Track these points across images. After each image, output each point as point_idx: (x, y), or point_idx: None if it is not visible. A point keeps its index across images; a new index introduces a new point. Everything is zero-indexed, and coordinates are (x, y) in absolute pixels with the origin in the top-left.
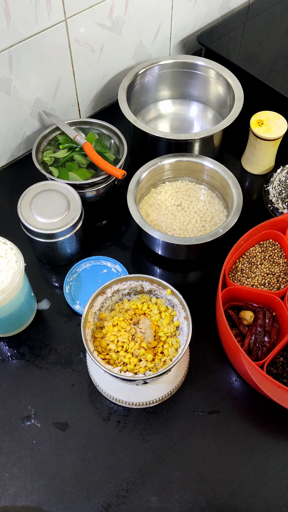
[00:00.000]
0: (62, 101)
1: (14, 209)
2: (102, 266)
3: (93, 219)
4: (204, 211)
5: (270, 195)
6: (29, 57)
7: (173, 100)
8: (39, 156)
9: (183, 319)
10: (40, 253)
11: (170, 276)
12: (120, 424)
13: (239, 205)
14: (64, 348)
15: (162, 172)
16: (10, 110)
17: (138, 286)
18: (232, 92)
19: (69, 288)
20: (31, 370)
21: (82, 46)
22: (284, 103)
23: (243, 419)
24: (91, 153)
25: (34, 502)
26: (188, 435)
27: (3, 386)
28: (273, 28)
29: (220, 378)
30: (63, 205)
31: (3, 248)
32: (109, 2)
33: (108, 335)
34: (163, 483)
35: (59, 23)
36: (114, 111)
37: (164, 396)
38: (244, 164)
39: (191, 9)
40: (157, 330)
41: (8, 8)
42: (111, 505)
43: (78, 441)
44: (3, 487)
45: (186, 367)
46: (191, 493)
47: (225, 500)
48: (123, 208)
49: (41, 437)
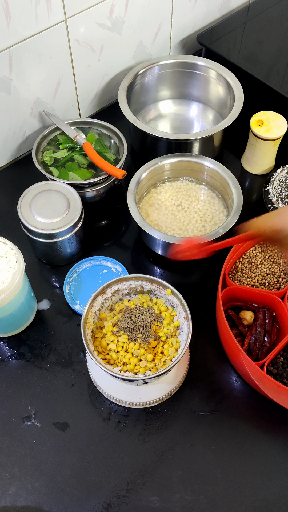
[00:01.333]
0: (62, 101)
1: (14, 209)
2: (102, 266)
3: (93, 219)
4: (204, 211)
5: (270, 195)
6: (29, 57)
7: (173, 100)
8: (39, 156)
9: (183, 319)
10: (40, 253)
11: (170, 276)
12: (120, 424)
13: (239, 205)
14: (64, 348)
15: (162, 172)
16: (10, 110)
17: (138, 286)
18: (232, 92)
19: (69, 288)
20: (31, 370)
21: (82, 46)
22: (284, 103)
23: (243, 419)
24: (91, 153)
25: (34, 502)
26: (188, 435)
27: (3, 386)
28: (273, 28)
29: (220, 378)
30: (63, 205)
31: (3, 248)
32: (109, 2)
33: (108, 335)
34: (164, 483)
35: (59, 23)
36: (114, 111)
37: (164, 396)
38: (244, 164)
39: (191, 9)
40: (157, 330)
41: (8, 8)
42: (111, 505)
43: (78, 441)
44: (3, 487)
45: (186, 367)
46: (191, 493)
47: (226, 500)
48: (123, 208)
49: (41, 437)
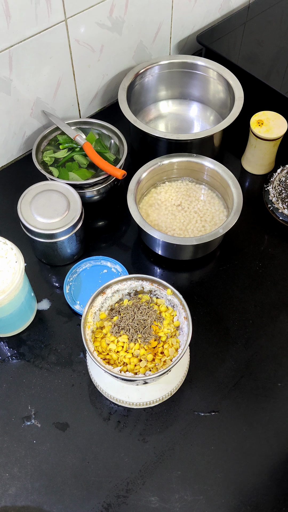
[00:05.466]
0: (62, 101)
1: (14, 209)
2: (102, 266)
3: (93, 219)
4: (204, 211)
5: (270, 195)
6: (29, 57)
7: (173, 100)
8: (39, 156)
9: (183, 319)
10: (40, 253)
11: (170, 276)
12: (120, 424)
13: (239, 205)
14: (64, 348)
15: (162, 172)
16: (10, 110)
17: (138, 286)
18: (232, 92)
19: (69, 288)
20: (31, 370)
21: (82, 46)
22: (284, 103)
23: (243, 419)
24: (91, 153)
25: (34, 502)
26: (188, 435)
27: (3, 386)
28: (273, 28)
29: (220, 378)
30: (63, 205)
31: (3, 248)
32: (109, 2)
33: (108, 335)
34: (163, 483)
35: (59, 23)
36: (114, 111)
37: (164, 396)
38: (244, 164)
39: (191, 9)
40: (157, 330)
41: (8, 8)
42: (111, 505)
43: (78, 441)
44: (3, 487)
45: (186, 367)
46: (191, 493)
47: (225, 500)
48: (123, 208)
49: (41, 437)
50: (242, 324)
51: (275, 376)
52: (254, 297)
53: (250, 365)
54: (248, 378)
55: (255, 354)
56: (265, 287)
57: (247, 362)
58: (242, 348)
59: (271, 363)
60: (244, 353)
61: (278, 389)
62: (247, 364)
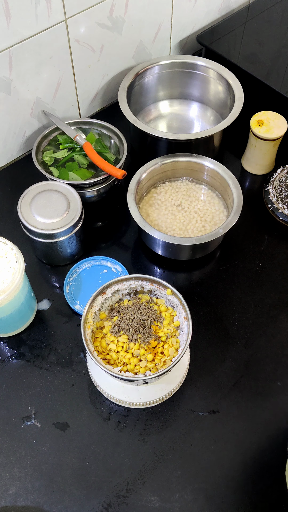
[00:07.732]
0: (62, 101)
1: (14, 209)
2: (102, 266)
3: (93, 219)
4: (204, 211)
5: (270, 195)
6: (29, 57)
7: (173, 100)
8: (39, 156)
9: (183, 319)
10: (40, 253)
11: (170, 276)
12: (120, 424)
13: (239, 205)
14: (64, 348)
15: (162, 172)
16: (10, 110)
17: (138, 286)
18: (232, 92)
19: (69, 288)
20: (31, 370)
21: (82, 46)
22: (284, 103)
23: (243, 418)
24: (91, 153)
25: (35, 502)
26: (188, 435)
27: (3, 386)
28: (273, 28)
29: (220, 378)
30: (63, 205)
31: (3, 248)
32: (109, 2)
33: (108, 335)
34: (163, 483)
35: (59, 23)
36: (114, 111)
37: (164, 396)
38: (244, 164)
39: (191, 9)
40: (157, 330)
41: (8, 8)
42: (111, 505)
43: (78, 441)
44: (3, 487)
45: (186, 367)
46: (191, 492)
47: (225, 499)
48: (123, 208)
49: (41, 437)
50: (242, 324)
51: (274, 376)
52: (254, 297)
53: (250, 365)
54: (248, 377)
55: (255, 354)
56: (265, 287)
57: (247, 362)
58: (242, 348)
59: (270, 363)
60: (244, 353)
61: (277, 389)
62: (246, 364)
